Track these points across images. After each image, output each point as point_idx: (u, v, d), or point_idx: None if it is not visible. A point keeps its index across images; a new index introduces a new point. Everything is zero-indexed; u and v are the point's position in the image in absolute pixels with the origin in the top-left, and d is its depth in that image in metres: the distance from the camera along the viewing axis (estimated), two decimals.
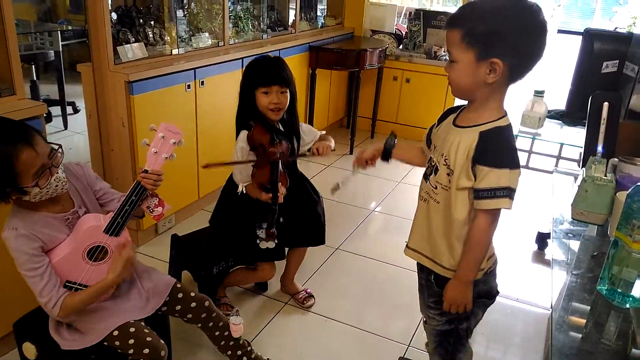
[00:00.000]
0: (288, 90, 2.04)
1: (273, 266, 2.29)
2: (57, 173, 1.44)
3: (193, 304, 1.78)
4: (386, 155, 1.61)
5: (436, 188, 1.41)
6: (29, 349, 1.67)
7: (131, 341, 1.57)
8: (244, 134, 2.03)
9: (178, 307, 1.77)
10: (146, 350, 1.56)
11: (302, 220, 2.24)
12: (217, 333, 1.84)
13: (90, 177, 1.65)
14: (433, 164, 1.42)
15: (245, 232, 2.15)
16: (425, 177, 1.47)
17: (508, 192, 1.28)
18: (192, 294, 1.80)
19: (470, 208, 1.35)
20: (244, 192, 2.06)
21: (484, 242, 1.35)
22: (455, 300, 1.43)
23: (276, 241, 2.14)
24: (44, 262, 1.47)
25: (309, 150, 2.14)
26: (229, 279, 2.38)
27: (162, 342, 1.63)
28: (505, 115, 1.34)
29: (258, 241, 2.13)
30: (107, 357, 1.60)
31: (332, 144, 2.14)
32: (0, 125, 1.39)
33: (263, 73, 2.02)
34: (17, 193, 1.41)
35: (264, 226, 2.09)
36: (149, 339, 1.59)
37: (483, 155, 1.29)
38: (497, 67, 1.24)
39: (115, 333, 1.57)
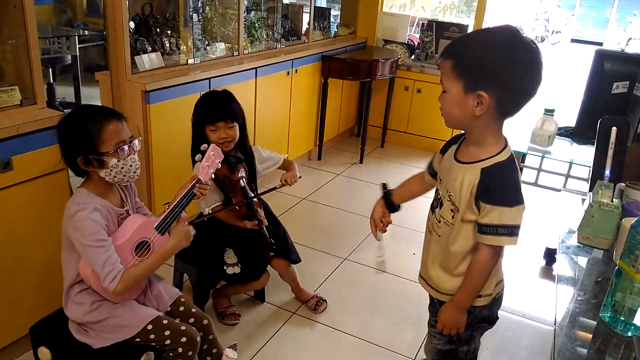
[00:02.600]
0: (236, 123, 2.12)
1: (266, 273, 2.33)
2: (134, 155, 1.60)
3: (191, 320, 1.79)
4: (390, 205, 1.65)
5: (439, 222, 1.43)
6: (44, 353, 1.71)
7: (167, 332, 1.63)
8: None
9: (177, 320, 1.75)
10: (184, 339, 1.64)
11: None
12: (208, 359, 1.86)
13: (134, 190, 1.79)
14: (439, 197, 1.44)
15: (212, 257, 2.22)
16: (432, 208, 1.49)
17: (510, 230, 1.29)
18: (193, 310, 1.82)
19: (470, 244, 1.38)
20: (210, 213, 2.06)
21: (484, 273, 1.38)
22: (448, 323, 1.46)
23: (241, 266, 2.21)
24: (109, 238, 1.56)
25: (279, 184, 2.20)
26: (229, 290, 2.41)
27: (194, 328, 1.71)
28: (505, 146, 1.33)
29: (225, 267, 2.20)
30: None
31: (297, 172, 2.25)
32: (101, 107, 1.74)
33: (208, 111, 2.11)
34: (97, 163, 1.55)
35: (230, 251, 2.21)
36: (183, 327, 1.66)
37: (485, 193, 1.29)
38: (484, 100, 1.23)
39: (149, 327, 1.63)
